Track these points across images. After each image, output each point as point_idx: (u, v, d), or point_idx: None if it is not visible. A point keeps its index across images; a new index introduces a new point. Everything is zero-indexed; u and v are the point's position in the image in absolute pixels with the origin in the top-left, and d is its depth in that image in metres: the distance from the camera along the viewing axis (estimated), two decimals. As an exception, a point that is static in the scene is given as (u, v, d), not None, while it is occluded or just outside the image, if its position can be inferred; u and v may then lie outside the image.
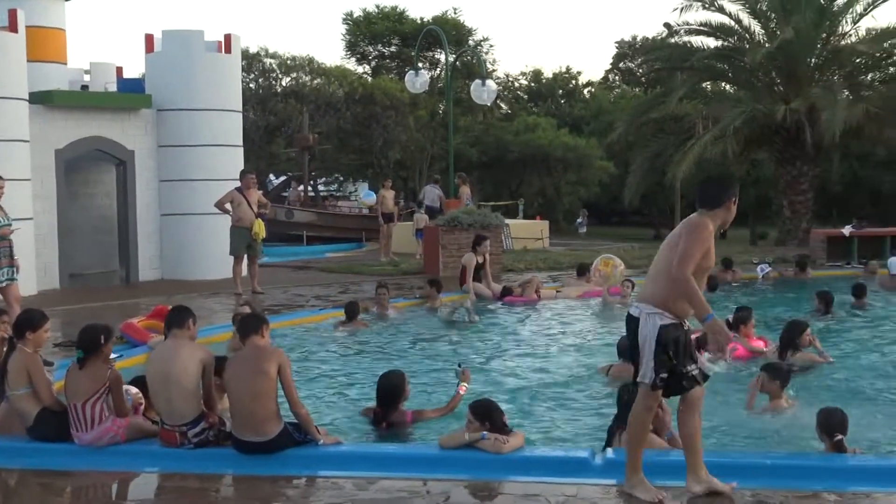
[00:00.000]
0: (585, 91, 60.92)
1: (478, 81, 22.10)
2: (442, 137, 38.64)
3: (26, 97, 16.37)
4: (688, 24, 28.79)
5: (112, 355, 7.17)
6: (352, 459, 6.47)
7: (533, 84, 59.81)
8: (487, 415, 6.42)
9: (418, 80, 22.75)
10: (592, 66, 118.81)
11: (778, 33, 26.14)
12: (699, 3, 27.76)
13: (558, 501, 5.58)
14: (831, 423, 6.31)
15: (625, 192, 30.30)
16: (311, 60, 41.01)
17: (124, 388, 6.83)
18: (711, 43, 28.72)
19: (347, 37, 49.39)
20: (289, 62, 40.41)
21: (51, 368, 8.37)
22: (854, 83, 27.96)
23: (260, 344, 6.63)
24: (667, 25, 30.89)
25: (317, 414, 7.75)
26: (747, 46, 27.47)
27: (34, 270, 16.04)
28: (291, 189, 35.67)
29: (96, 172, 18.54)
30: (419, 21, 46.54)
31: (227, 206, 15.92)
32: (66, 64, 21.31)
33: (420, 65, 24.85)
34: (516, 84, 59.98)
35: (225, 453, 6.52)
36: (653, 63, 35.13)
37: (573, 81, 60.62)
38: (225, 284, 16.63)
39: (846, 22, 27.48)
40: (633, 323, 5.65)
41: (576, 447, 6.97)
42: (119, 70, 21.45)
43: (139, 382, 7.06)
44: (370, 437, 7.48)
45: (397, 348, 11.60)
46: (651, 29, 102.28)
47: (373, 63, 49.64)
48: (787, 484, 5.75)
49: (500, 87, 49.30)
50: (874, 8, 27.06)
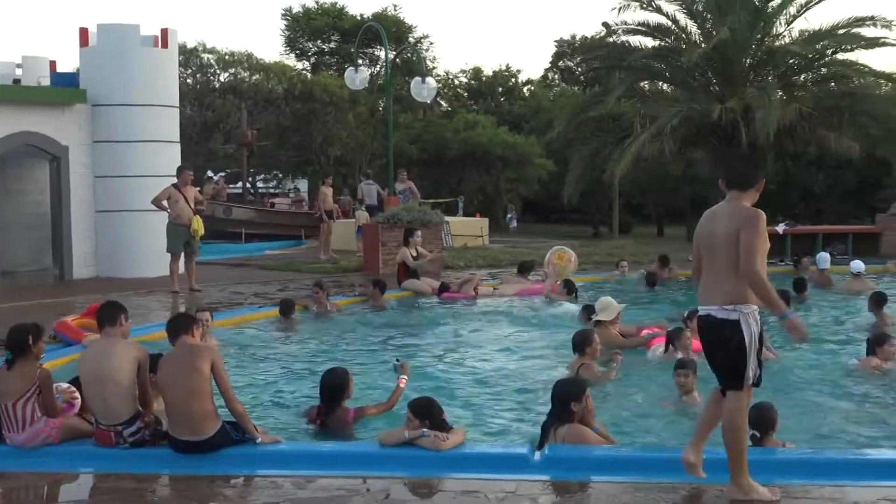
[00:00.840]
0: (525, 89, 61.19)
1: (418, 79, 22.06)
2: (382, 134, 38.58)
3: (-44, 91, 16.02)
4: (626, 23, 29.03)
5: None
6: (290, 458, 6.43)
7: (473, 82, 59.92)
8: (427, 412, 6.42)
9: (358, 77, 22.65)
10: (532, 64, 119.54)
11: (714, 34, 26.45)
12: (637, 3, 27.99)
13: (497, 497, 5.61)
14: (763, 419, 6.41)
15: (564, 189, 30.47)
16: (249, 56, 40.73)
17: (56, 385, 6.71)
18: (649, 43, 28.97)
19: (287, 32, 49.10)
20: (227, 57, 40.06)
21: None
22: (787, 83, 28.39)
23: (191, 342, 6.59)
24: (605, 25, 31.28)
25: (256, 413, 7.70)
26: (684, 46, 27.75)
27: (-36, 268, 15.70)
28: (210, 184, 35.21)
29: (29, 168, 18.19)
30: (359, 17, 46.42)
31: (164, 202, 15.74)
32: (-4, 58, 20.90)
33: (360, 61, 24.72)
34: (456, 82, 60.07)
35: (161, 453, 6.44)
36: (591, 62, 35.32)
37: (513, 80, 60.86)
38: (162, 282, 16.41)
39: (780, 23, 27.91)
40: (726, 326, 5.44)
41: (515, 443, 7.00)
42: (52, 64, 21.02)
43: (77, 382, 6.94)
44: (312, 435, 7.43)
45: (337, 346, 11.54)
46: (590, 28, 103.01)
47: (312, 59, 49.42)
48: (723, 478, 5.82)
49: (440, 85, 49.30)
50: (807, 10, 27.54)
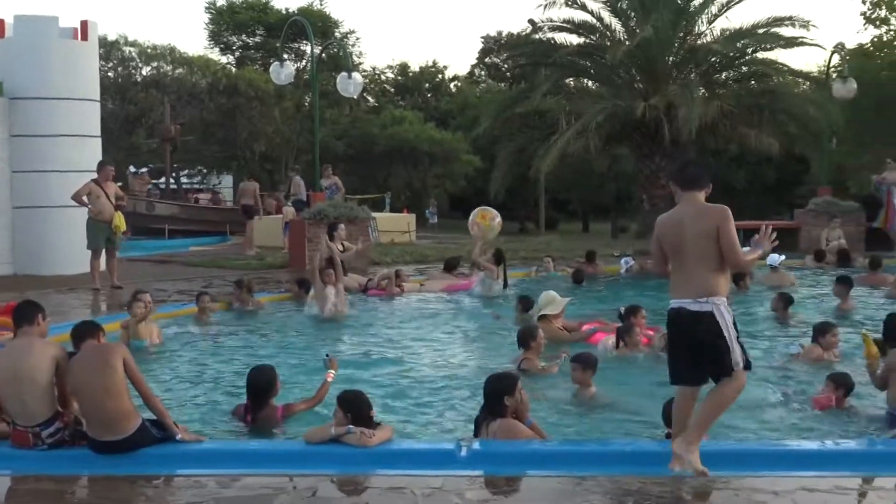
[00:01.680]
0: (452, 85, 61.31)
1: (344, 74, 21.93)
2: (308, 130, 38.30)
3: None
4: (551, 20, 29.22)
5: None
6: (214, 456, 6.34)
7: (399, 77, 59.86)
8: (353, 407, 6.40)
9: (283, 72, 22.44)
10: (458, 60, 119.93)
11: (637, 32, 26.78)
12: (562, 1, 28.17)
13: (424, 493, 5.60)
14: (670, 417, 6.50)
15: (490, 185, 30.60)
16: (172, 49, 40.19)
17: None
18: (574, 40, 29.21)
19: (210, 26, 48.51)
20: (149, 51, 39.47)
21: None
22: (709, 81, 28.88)
23: (98, 343, 6.50)
24: (531, 22, 31.49)
25: (179, 411, 7.60)
26: (608, 44, 28.05)
27: None
28: (137, 179, 34.71)
29: (-58, 162, 17.67)
30: (284, 12, 46.05)
31: (85, 198, 15.42)
32: None
33: (285, 56, 24.53)
34: (383, 77, 59.96)
35: (81, 454, 6.31)
36: (517, 59, 35.55)
37: (439, 75, 60.94)
38: (83, 280, 16.08)
39: (702, 22, 28.36)
40: (703, 318, 5.66)
41: (441, 439, 7.01)
42: (-33, 56, 20.47)
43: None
44: (240, 433, 7.34)
45: (262, 343, 11.44)
46: (516, 25, 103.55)
47: (237, 53, 48.93)
48: (645, 470, 5.90)
49: (367, 80, 49.11)
50: (728, 9, 28.04)
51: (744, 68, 29.55)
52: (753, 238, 6.10)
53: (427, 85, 59.83)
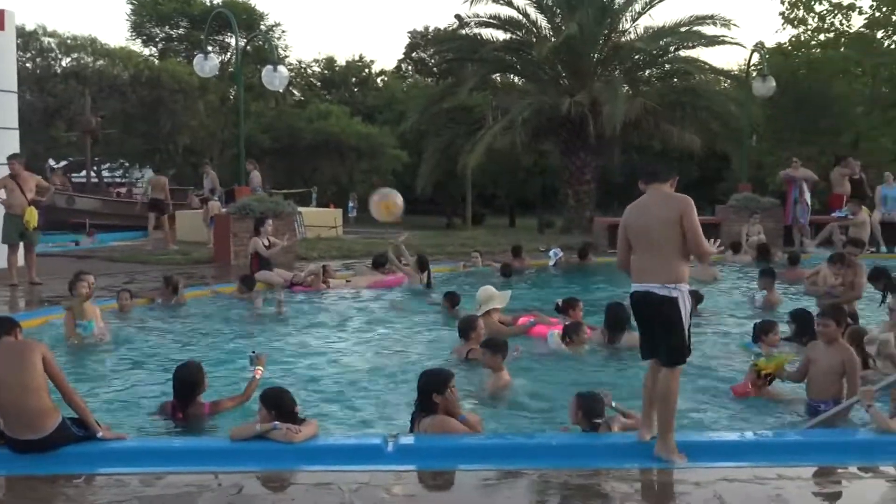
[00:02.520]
0: (378, 80, 61.14)
1: (269, 67, 21.68)
2: (233, 123, 37.91)
3: None
4: (478, 16, 29.35)
5: None
6: (137, 455, 6.25)
7: (326, 71, 59.51)
8: (277, 404, 6.36)
9: (207, 64, 22.11)
10: (385, 55, 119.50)
11: (563, 28, 27.04)
12: (489, -4, 28.33)
13: (351, 489, 5.58)
14: (595, 408, 6.59)
15: (417, 180, 30.62)
16: (93, 41, 39.39)
17: None
18: (500, 36, 29.40)
19: (132, 17, 47.69)
20: (69, 41, 38.64)
21: None
22: (633, 79, 29.29)
23: (16, 340, 6.37)
24: (458, 17, 31.56)
25: (104, 409, 7.47)
26: (534, 40, 28.26)
27: None
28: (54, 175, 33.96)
29: None
30: (208, 3, 45.47)
31: (1, 192, 15.03)
32: None
33: (209, 48, 24.18)
34: (309, 71, 59.55)
35: (-1, 453, 6.17)
36: (444, 54, 35.62)
37: (366, 70, 60.72)
38: (0, 275, 15.69)
39: (626, 20, 28.76)
40: (667, 304, 6.03)
41: (368, 434, 6.99)
42: None
43: None
44: (166, 431, 7.24)
45: (188, 340, 11.29)
46: (443, 20, 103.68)
47: (160, 45, 48.18)
48: (570, 463, 5.97)
49: (293, 74, 48.74)
50: (651, 7, 28.47)
51: (667, 66, 30.04)
52: None
53: (354, 79, 59.57)
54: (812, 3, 37.21)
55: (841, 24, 37.51)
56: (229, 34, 40.79)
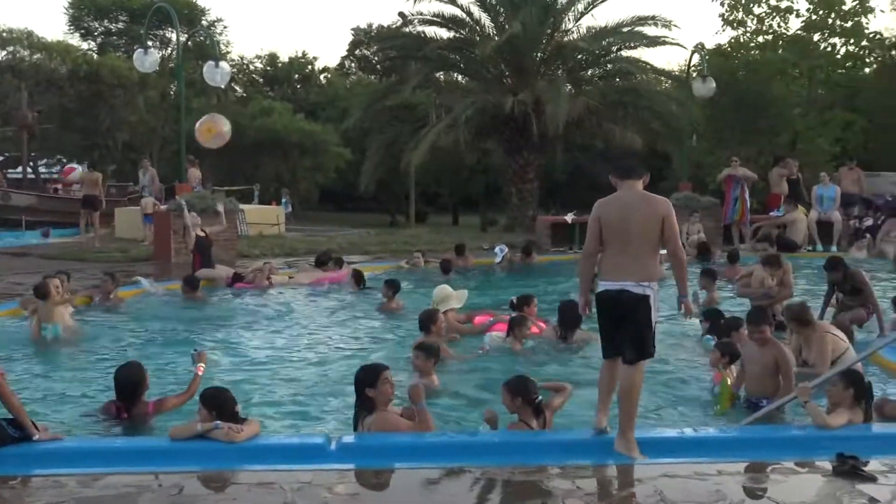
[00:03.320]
0: (322, 77, 60.83)
1: (210, 63, 21.48)
2: (174, 119, 37.41)
3: None
4: (421, 14, 29.33)
5: None
6: (74, 455, 6.13)
7: (268, 68, 59.07)
8: (218, 403, 6.30)
9: (147, 59, 21.82)
10: (328, 52, 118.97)
11: (506, 27, 27.12)
12: (433, -6, 28.39)
13: (293, 488, 5.54)
14: (529, 389, 6.61)
15: (360, 178, 30.52)
16: (30, 34, 38.70)
17: None
18: (444, 34, 29.40)
19: (70, 10, 46.89)
20: (4, 35, 37.93)
21: None
22: (576, 78, 29.45)
23: None
24: (401, 15, 31.47)
25: (42, 408, 7.35)
26: (478, 39, 28.31)
27: None
28: None
29: None
30: (149, -3, 44.88)
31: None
32: None
33: (150, 43, 23.88)
34: (251, 67, 59.07)
35: (-69, 455, 6.02)
36: (388, 51, 35.49)
37: (309, 67, 60.37)
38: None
39: (569, 20, 28.92)
40: (640, 302, 6.11)
41: (311, 433, 6.96)
42: None
43: None
44: (107, 431, 7.12)
45: (128, 337, 11.15)
46: (386, 17, 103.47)
47: (99, 39, 47.46)
48: (512, 460, 5.99)
49: (235, 70, 48.31)
50: (594, 7, 28.68)
51: (609, 66, 30.26)
52: None
53: (297, 76, 59.20)
54: (751, 5, 37.82)
55: (779, 26, 38.20)
56: (170, 29, 40.32)
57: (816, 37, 37.66)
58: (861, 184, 23.16)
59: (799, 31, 37.66)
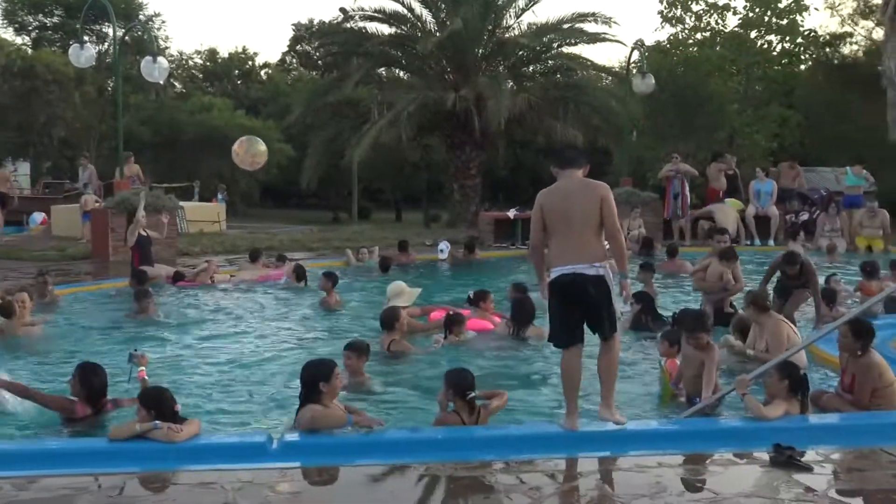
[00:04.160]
0: (262, 72, 60.38)
1: (148, 58, 21.14)
2: (111, 115, 36.91)
3: None
4: (363, 9, 29.24)
5: None
6: (9, 458, 6.02)
7: (208, 63, 58.50)
8: (157, 403, 6.23)
9: (83, 55, 21.42)
10: (269, 47, 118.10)
11: (448, 23, 27.12)
12: (374, -10, 28.27)
13: (234, 488, 5.48)
14: (462, 384, 6.62)
15: (302, 174, 30.34)
16: (-40, 28, 37.86)
17: None
18: (385, 30, 29.32)
19: (4, 4, 46.02)
20: (-66, 29, 37.05)
21: None
22: (517, 74, 29.54)
23: None
24: (342, 10, 31.38)
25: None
26: (419, 35, 28.27)
27: None
28: None
29: None
30: (84, -9, 44.15)
31: None
32: None
33: (86, 38, 23.42)
34: (190, 63, 58.46)
35: None
36: (329, 47, 35.31)
37: (250, 62, 59.89)
38: None
39: (510, 16, 29.01)
40: (596, 281, 6.29)
41: (252, 432, 6.90)
42: None
43: None
44: (50, 432, 6.99)
45: (69, 336, 10.97)
46: (328, 13, 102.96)
47: (33, 34, 46.59)
48: (456, 456, 6.00)
49: (173, 66, 47.79)
50: (534, 4, 28.80)
51: (550, 62, 30.41)
52: None
53: (237, 72, 58.71)
54: (689, 2, 38.21)
55: (717, 23, 38.64)
56: (107, 24, 39.64)
57: (753, 34, 38.17)
58: (800, 181, 23.58)
59: (736, 29, 38.14)
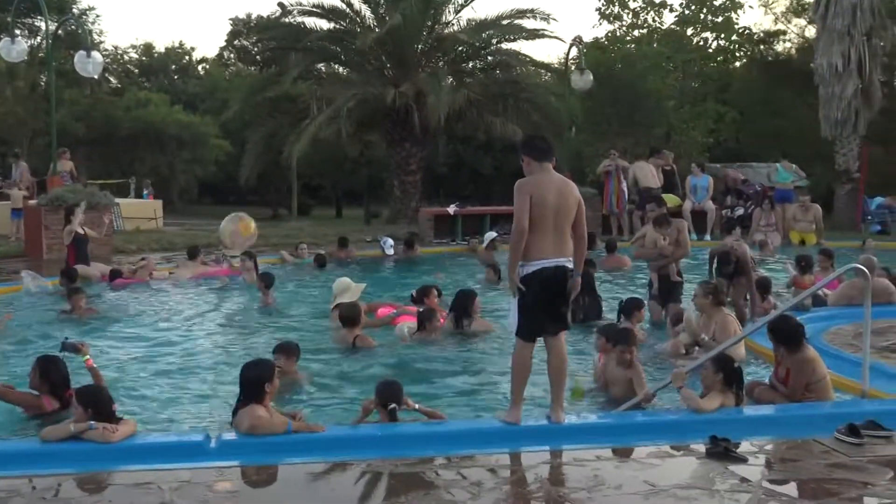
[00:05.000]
0: (200, 68, 59.77)
1: (82, 52, 20.81)
2: (44, 111, 36.23)
3: None
4: (301, 4, 28.99)
5: None
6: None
7: (144, 58, 57.75)
8: (93, 402, 6.14)
9: (15, 49, 21.02)
10: (207, 42, 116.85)
11: (387, 19, 27.07)
12: (312, -16, 28.07)
13: (171, 487, 5.43)
14: (385, 394, 6.64)
15: (241, 170, 30.09)
16: None
17: None
18: (324, 25, 29.14)
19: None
20: None
21: None
22: (457, 70, 29.59)
23: None
24: (281, 5, 31.00)
25: None
26: (358, 30, 28.18)
27: None
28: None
29: None
30: (16, -16, 43.23)
31: None
32: None
33: (17, 32, 22.97)
34: (126, 57, 57.64)
35: None
36: (267, 42, 35.02)
37: (187, 57, 59.24)
38: None
39: (449, 12, 29.01)
40: (569, 275, 6.47)
41: (190, 431, 6.83)
42: None
43: None
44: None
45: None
46: (265, 7, 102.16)
47: (-38, 28, 45.53)
48: (397, 453, 6.00)
49: (108, 60, 47.07)
50: (473, 0, 28.86)
51: (490, 58, 30.48)
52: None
53: (174, 66, 58.05)
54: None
55: (654, 20, 39.17)
56: (39, 17, 38.90)
57: (689, 31, 38.75)
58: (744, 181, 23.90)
59: (673, 26, 38.66)
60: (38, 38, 41.28)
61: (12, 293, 13.86)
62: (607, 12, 39.57)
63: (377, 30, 27.29)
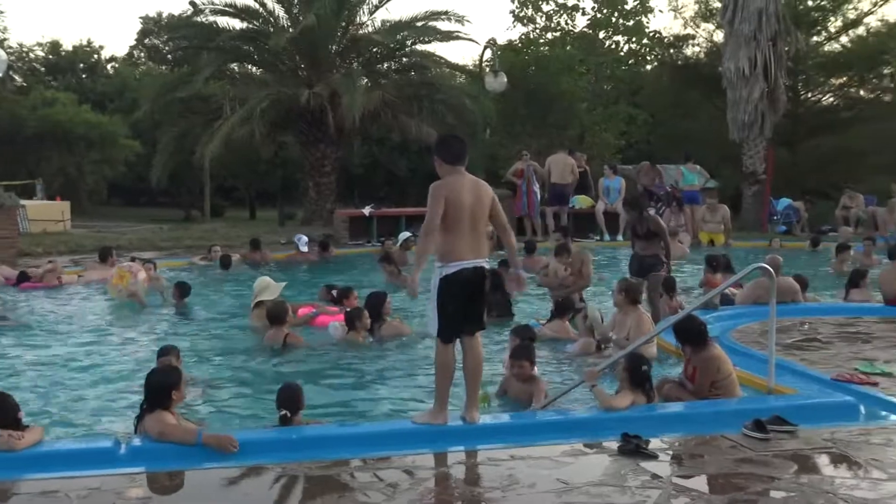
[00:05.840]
0: (109, 66, 58.60)
1: (-14, 50, 20.30)
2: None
3: None
4: (213, 3, 28.61)
5: None
6: None
7: (50, 56, 56.40)
8: (-2, 409, 5.97)
9: (-86, 46, 20.44)
10: (116, 40, 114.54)
11: (301, 19, 26.90)
12: (224, -17, 27.76)
13: (80, 496, 5.30)
14: (282, 398, 6.70)
15: (152, 171, 29.59)
16: None
17: None
18: (237, 24, 28.84)
19: None
20: None
21: None
22: (372, 71, 29.54)
23: None
24: (192, 4, 30.44)
25: None
26: (272, 30, 27.95)
27: None
28: None
29: None
30: (-85, -21, 41.93)
31: None
32: None
33: (-84, 28, 22.31)
34: (31, 55, 56.22)
35: None
36: (179, 41, 34.54)
37: (95, 56, 58.02)
38: None
39: (363, 12, 28.97)
40: (490, 274, 6.66)
41: (99, 437, 6.69)
42: None
43: None
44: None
45: None
46: (176, 6, 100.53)
47: None
48: (310, 455, 5.96)
49: (13, 58, 45.83)
50: (388, 1, 28.90)
51: (404, 59, 30.52)
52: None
53: (82, 65, 56.79)
54: (540, 2, 39.04)
55: (566, 23, 39.65)
56: (-60, 14, 37.82)
57: (601, 34, 39.31)
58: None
59: (585, 29, 39.18)
60: (-61, 34, 40.13)
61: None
62: (521, 15, 39.93)
63: (291, 30, 27.12)
